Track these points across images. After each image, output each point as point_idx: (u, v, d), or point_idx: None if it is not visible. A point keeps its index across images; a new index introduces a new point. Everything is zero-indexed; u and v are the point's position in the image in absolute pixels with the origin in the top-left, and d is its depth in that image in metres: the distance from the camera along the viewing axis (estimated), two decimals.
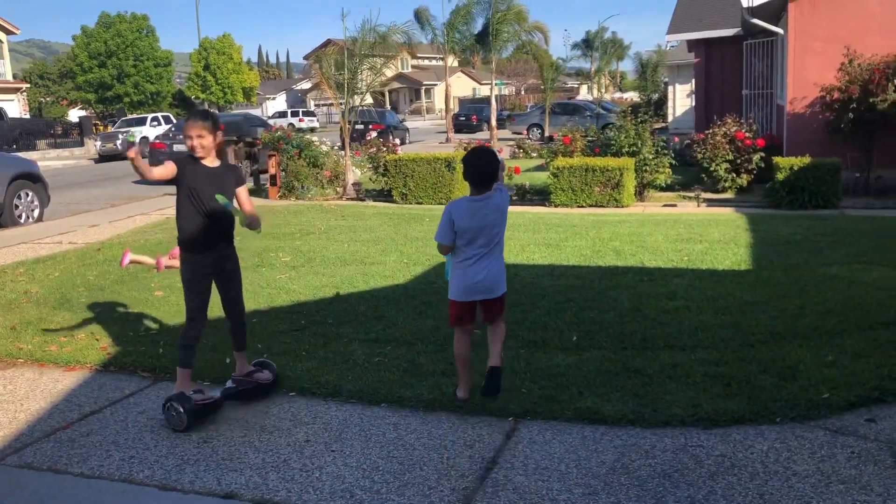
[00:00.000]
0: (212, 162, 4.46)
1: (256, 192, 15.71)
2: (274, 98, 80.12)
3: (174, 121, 33.60)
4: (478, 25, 33.80)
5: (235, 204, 4.49)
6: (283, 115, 55.10)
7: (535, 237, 9.20)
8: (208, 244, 4.44)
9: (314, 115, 58.45)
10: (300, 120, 51.96)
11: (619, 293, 6.52)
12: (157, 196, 16.05)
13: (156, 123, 33.47)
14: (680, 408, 4.31)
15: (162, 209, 13.61)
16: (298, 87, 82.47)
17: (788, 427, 4.10)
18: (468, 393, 4.52)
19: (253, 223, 4.42)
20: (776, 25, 14.62)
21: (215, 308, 4.74)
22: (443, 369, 5.00)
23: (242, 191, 4.61)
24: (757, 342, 5.23)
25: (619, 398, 4.47)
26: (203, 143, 4.37)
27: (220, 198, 4.25)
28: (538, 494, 3.55)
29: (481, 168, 4.19)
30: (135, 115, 40.29)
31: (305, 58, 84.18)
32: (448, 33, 33.90)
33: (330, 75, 14.64)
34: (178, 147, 18.97)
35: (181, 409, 4.28)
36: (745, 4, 13.74)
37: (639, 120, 13.41)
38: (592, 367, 4.91)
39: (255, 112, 48.51)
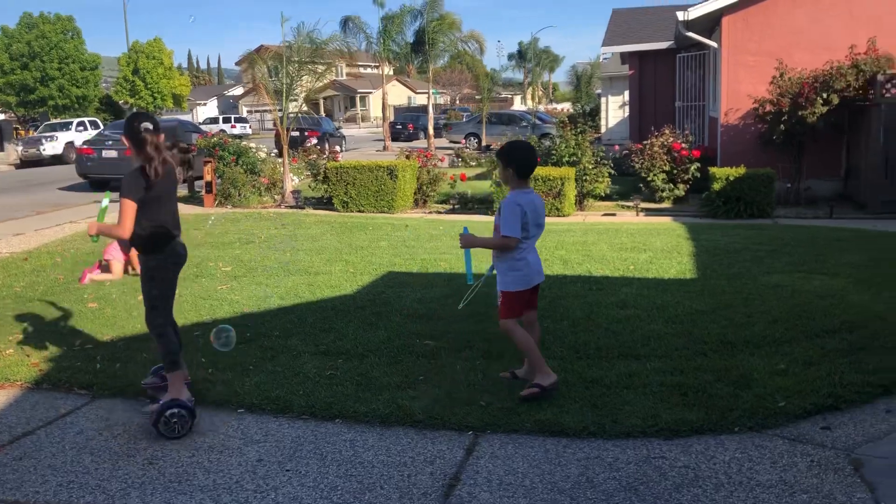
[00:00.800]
0: None
1: (191, 199, 15.28)
2: (205, 104, 78.48)
3: (101, 126, 32.51)
4: (411, 34, 33.82)
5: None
6: (214, 121, 53.93)
7: None
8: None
9: (247, 122, 57.43)
10: (232, 126, 50.97)
11: (570, 302, 6.50)
12: (85, 204, 15.45)
13: (82, 128, 32.30)
14: (639, 418, 4.28)
15: (93, 217, 13.06)
16: (230, 93, 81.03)
17: (748, 436, 4.11)
18: (554, 375, 4.59)
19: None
20: (710, 39, 14.97)
21: (123, 324, 4.50)
22: (398, 382, 4.87)
23: None
24: (709, 351, 5.26)
25: (579, 409, 4.42)
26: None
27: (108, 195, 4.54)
28: None
29: (531, 159, 4.57)
30: (59, 120, 38.84)
31: (237, 63, 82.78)
32: (383, 42, 33.77)
33: (267, 81, 14.34)
34: (106, 153, 18.29)
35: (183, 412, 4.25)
36: (680, 18, 14.02)
37: (578, 130, 13.54)
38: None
39: (186, 118, 47.41)
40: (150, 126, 4.26)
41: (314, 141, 16.27)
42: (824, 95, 12.11)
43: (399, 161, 13.48)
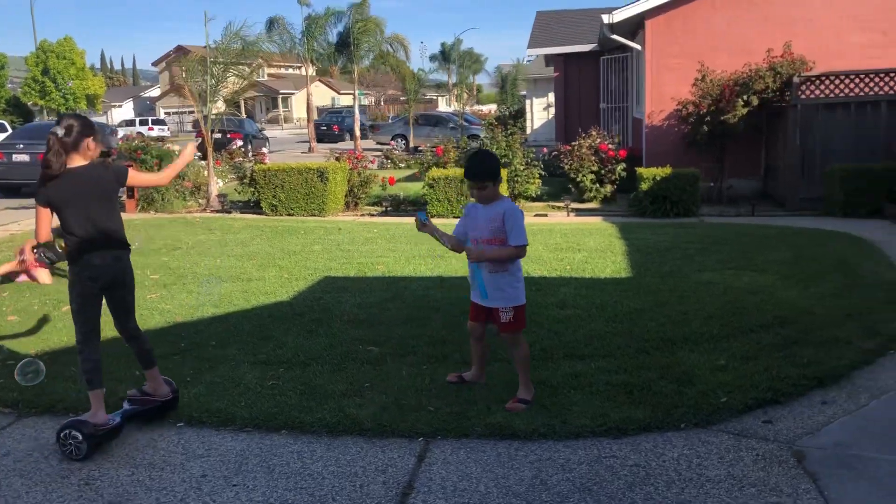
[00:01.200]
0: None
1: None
2: (120, 106, 76.16)
3: (9, 129, 31.10)
4: (335, 35, 33.53)
5: None
6: (130, 123, 52.28)
7: (420, 248, 9.09)
8: None
9: (165, 124, 55.90)
10: (149, 128, 49.49)
11: None
12: None
13: None
14: (588, 418, 4.30)
15: (4, 224, 12.47)
16: (147, 95, 78.89)
17: (693, 432, 4.17)
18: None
19: None
20: (634, 42, 15.29)
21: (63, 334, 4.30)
22: (343, 390, 4.77)
23: None
24: (650, 348, 5.34)
25: (528, 412, 4.41)
26: None
27: None
28: None
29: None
30: None
31: (154, 64, 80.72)
32: (307, 42, 33.37)
33: (191, 82, 13.96)
34: (17, 157, 17.49)
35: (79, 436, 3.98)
36: (605, 21, 14.29)
37: (509, 132, 13.64)
38: (497, 381, 4.83)
39: (100, 120, 45.81)
40: (59, 129, 4.04)
41: (239, 143, 15.94)
42: (744, 97, 12.52)
43: (329, 163, 13.31)
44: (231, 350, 5.55)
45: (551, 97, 27.02)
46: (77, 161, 4.08)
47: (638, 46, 14.80)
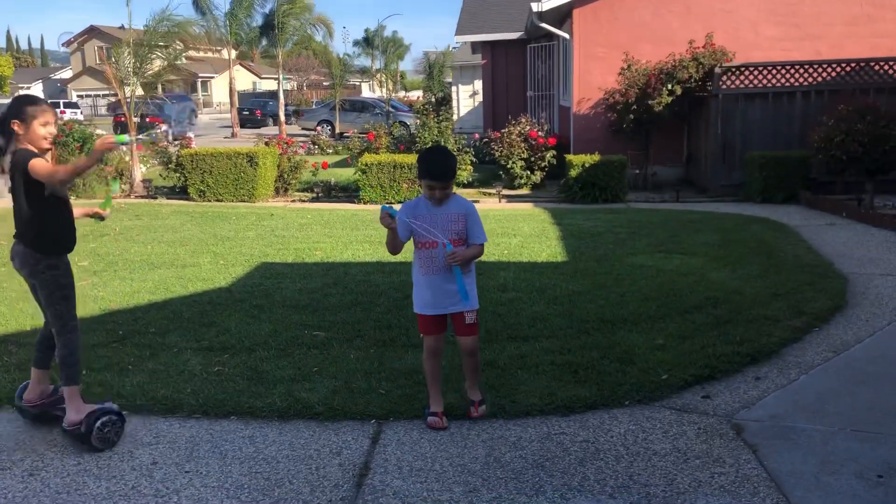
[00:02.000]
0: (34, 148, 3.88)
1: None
2: (29, 87, 72.64)
3: None
4: (260, 17, 32.89)
5: None
6: None
7: (356, 234, 9.07)
8: (75, 241, 4.13)
9: (78, 107, 53.71)
10: (62, 112, 47.42)
11: None
12: None
13: None
14: (537, 397, 4.41)
15: None
16: (58, 77, 75.63)
17: (637, 409, 4.32)
18: None
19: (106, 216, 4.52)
20: (561, 30, 15.52)
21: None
22: (291, 375, 4.75)
23: None
24: (591, 329, 5.49)
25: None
26: (56, 131, 3.99)
27: (115, 182, 4.13)
28: (419, 497, 3.45)
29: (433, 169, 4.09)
30: None
31: (66, 45, 77.43)
32: (230, 24, 32.62)
33: (112, 64, 13.50)
34: None
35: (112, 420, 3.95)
36: (534, 9, 14.45)
37: (441, 118, 13.69)
38: (445, 363, 4.87)
39: (5, 102, 43.75)
40: None
41: (163, 127, 15.48)
42: (669, 86, 12.89)
43: (259, 148, 13.10)
44: (172, 337, 5.44)
45: (477, 84, 27.22)
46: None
47: (566, 35, 15.04)
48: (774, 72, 12.66)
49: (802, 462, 3.68)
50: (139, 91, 14.49)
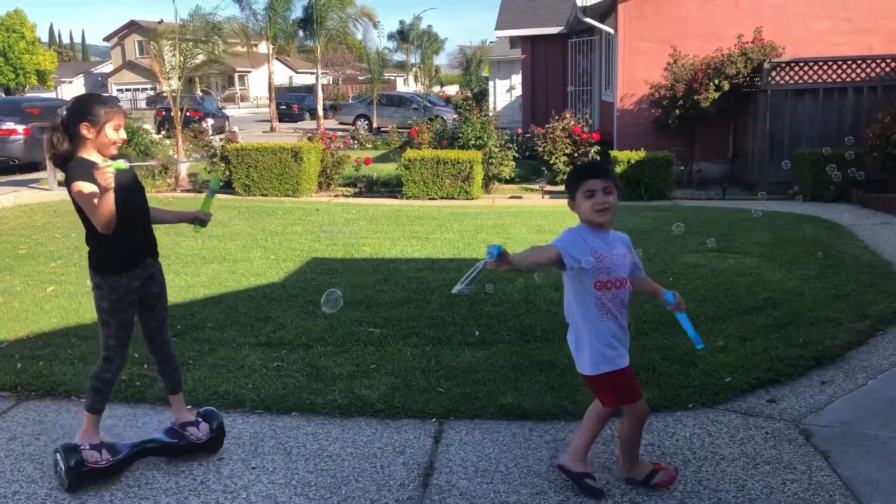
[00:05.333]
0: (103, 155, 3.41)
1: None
2: (71, 82, 73.97)
3: None
4: (300, 10, 33.02)
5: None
6: None
7: (402, 230, 9.07)
8: (135, 261, 3.53)
9: (118, 101, 54.47)
10: None
11: (504, 286, 6.53)
12: None
13: None
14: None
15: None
16: (99, 71, 76.78)
17: (702, 412, 4.26)
18: None
19: (209, 218, 3.90)
20: (605, 24, 15.38)
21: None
22: (350, 372, 4.76)
23: None
24: (649, 330, 5.42)
25: (538, 392, 4.45)
26: (125, 136, 3.51)
27: (215, 181, 3.86)
28: (486, 498, 3.43)
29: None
30: None
31: (106, 39, 78.61)
32: (270, 17, 32.83)
33: (161, 58, 13.65)
34: None
35: (62, 466, 3.44)
36: (579, 4, 14.33)
37: (483, 113, 13.64)
38: (503, 362, 4.87)
39: (50, 96, 44.51)
40: None
41: (210, 121, 15.62)
42: (716, 81, 12.70)
43: (304, 143, 13.16)
44: (230, 332, 5.49)
45: (514, 79, 27.07)
46: None
47: (610, 30, 14.89)
48: (826, 67, 12.40)
49: (878, 470, 3.59)
50: (170, 86, 14.65)
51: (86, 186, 3.22)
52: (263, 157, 12.55)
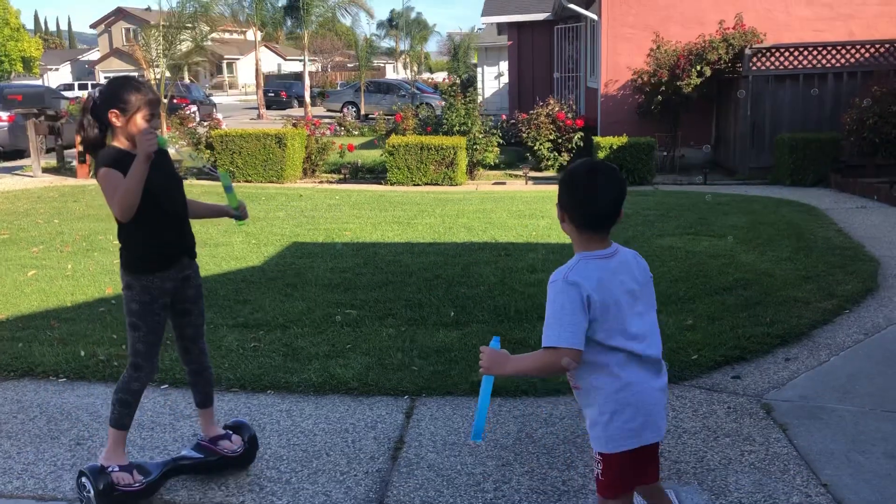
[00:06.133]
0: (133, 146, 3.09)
1: (63, 170, 14.38)
2: (57, 69, 73.42)
3: None
4: None
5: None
6: (69, 87, 50.56)
7: (385, 215, 9.15)
8: (169, 261, 3.23)
9: (152, 87, 54.10)
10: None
11: (482, 269, 6.62)
12: None
13: None
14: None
15: None
16: (85, 58, 76.21)
17: (668, 388, 4.36)
18: None
19: (245, 210, 3.54)
20: (589, 11, 15.42)
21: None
22: (326, 352, 4.85)
23: None
24: None
25: None
26: (158, 125, 3.28)
27: (225, 177, 3.35)
28: (454, 470, 3.53)
29: (607, 197, 2.32)
30: None
31: (93, 26, 77.99)
32: (256, 5, 32.68)
33: (143, 45, 13.63)
34: None
35: (91, 490, 3.13)
36: None
37: (468, 99, 13.69)
38: (476, 341, 4.95)
39: (37, 83, 44.17)
40: None
41: (193, 108, 15.62)
42: (698, 67, 12.77)
43: (288, 129, 13.19)
44: (208, 314, 5.43)
45: (503, 66, 27.11)
46: None
47: (594, 16, 14.94)
48: (806, 53, 12.51)
49: (832, 441, 3.71)
50: (167, 73, 14.64)
51: (111, 175, 2.97)
52: (247, 144, 12.59)
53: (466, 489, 3.39)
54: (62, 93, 26.76)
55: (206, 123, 13.79)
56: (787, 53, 12.55)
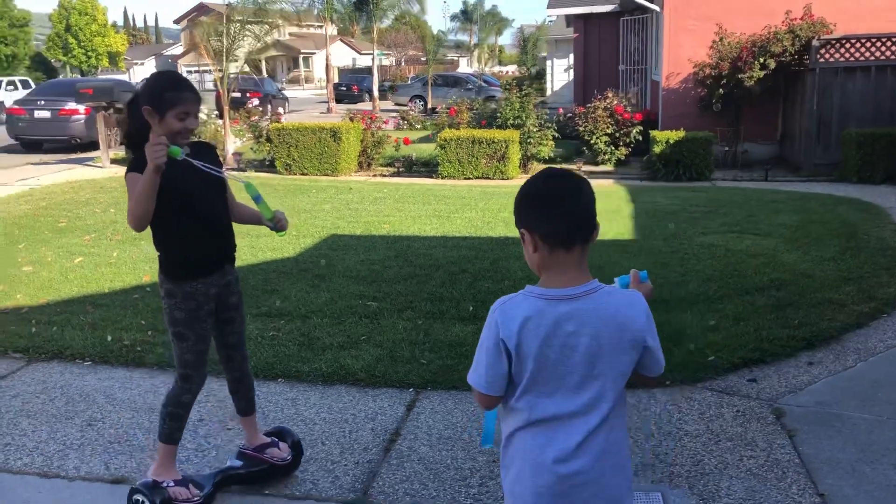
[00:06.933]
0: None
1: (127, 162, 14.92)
2: (142, 63, 76.00)
3: (32, 85, 31.39)
4: None
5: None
6: None
7: (426, 209, 9.18)
8: (210, 267, 3.11)
9: (191, 85, 55.87)
10: None
11: (511, 263, 6.58)
12: (18, 166, 14.94)
13: (12, 87, 31.17)
14: None
15: (24, 179, 12.70)
16: (169, 53, 78.70)
17: (678, 389, 4.27)
18: None
19: (282, 221, 3.23)
20: (653, 3, 15.09)
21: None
22: (340, 342, 4.91)
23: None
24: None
25: None
26: (195, 125, 3.01)
27: (250, 187, 3.02)
28: (443, 464, 3.54)
29: (565, 210, 1.94)
30: None
31: (176, 22, 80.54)
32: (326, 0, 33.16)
33: (208, 41, 14.00)
34: (39, 113, 17.69)
35: None
36: None
37: (523, 93, 13.58)
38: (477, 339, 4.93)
39: (122, 78, 45.94)
40: None
41: (256, 101, 15.96)
42: (761, 60, 12.35)
43: (343, 123, 13.35)
44: None
45: (572, 58, 26.76)
46: None
47: (657, 8, 14.61)
48: (879, 44, 11.94)
49: (841, 450, 3.56)
50: (232, 68, 14.98)
51: (131, 179, 2.88)
52: (303, 137, 12.79)
53: (452, 483, 3.39)
54: (134, 86, 27.79)
55: (266, 117, 14.07)
56: (857, 45, 12.00)
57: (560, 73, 32.89)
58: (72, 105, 17.24)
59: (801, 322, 5.04)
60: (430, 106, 30.56)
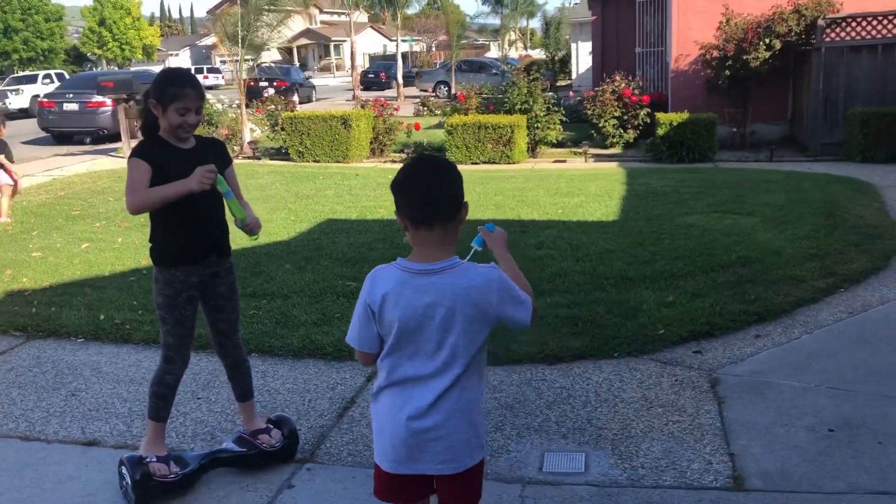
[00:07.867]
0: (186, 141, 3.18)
1: None
2: (177, 54, 77.19)
3: (68, 77, 32.21)
4: None
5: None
6: None
7: None
8: (194, 256, 3.24)
9: (220, 72, 56.66)
10: (204, 77, 50.25)
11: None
12: (47, 157, 15.51)
13: (48, 81, 32.03)
14: (532, 347, 4.65)
15: (49, 170, 13.23)
16: (203, 43, 79.73)
17: (624, 361, 4.50)
18: None
19: (252, 224, 3.29)
20: None
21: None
22: (314, 320, 5.21)
23: (231, 174, 3.30)
24: (608, 286, 5.63)
25: None
26: (195, 121, 3.12)
27: (221, 183, 3.08)
28: None
29: (421, 195, 2.16)
30: (25, 73, 38.38)
31: (209, 12, 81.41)
32: None
33: (228, 31, 14.38)
34: (68, 106, 18.28)
35: (128, 479, 3.19)
36: None
37: (531, 77, 13.74)
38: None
39: (157, 69, 46.88)
40: None
41: (272, 91, 16.32)
42: (767, 40, 12.38)
43: (353, 110, 13.66)
44: None
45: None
46: None
47: None
48: (886, 21, 11.88)
49: (761, 414, 3.78)
50: (263, 56, 15.32)
51: (133, 164, 3.05)
52: (315, 125, 13.12)
53: None
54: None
55: (281, 105, 14.42)
56: (863, 23, 11.96)
57: (585, 57, 32.65)
58: (99, 97, 17.80)
59: (757, 297, 5.23)
60: (453, 91, 30.70)
